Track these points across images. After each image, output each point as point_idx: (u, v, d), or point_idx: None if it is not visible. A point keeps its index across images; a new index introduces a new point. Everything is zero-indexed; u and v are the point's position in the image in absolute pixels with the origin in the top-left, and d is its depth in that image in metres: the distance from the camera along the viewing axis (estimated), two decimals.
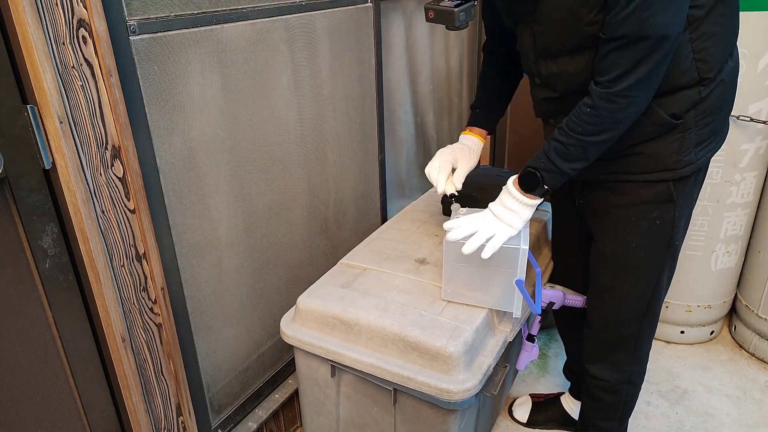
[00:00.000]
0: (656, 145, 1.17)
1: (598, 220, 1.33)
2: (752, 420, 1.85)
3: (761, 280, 2.04)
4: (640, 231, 1.25)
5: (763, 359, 2.10)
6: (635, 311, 1.35)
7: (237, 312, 1.51)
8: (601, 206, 1.30)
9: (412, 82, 2.17)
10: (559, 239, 1.60)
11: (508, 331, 1.36)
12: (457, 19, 1.12)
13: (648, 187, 1.21)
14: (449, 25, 1.15)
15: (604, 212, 1.30)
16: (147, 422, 1.28)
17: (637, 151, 1.18)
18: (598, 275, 1.38)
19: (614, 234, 1.29)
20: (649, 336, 1.42)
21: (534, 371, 2.10)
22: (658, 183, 1.20)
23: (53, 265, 1.06)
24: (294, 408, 1.77)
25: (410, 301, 1.34)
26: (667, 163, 1.17)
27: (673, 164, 1.17)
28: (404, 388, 1.26)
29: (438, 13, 1.15)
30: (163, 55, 1.14)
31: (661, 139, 1.16)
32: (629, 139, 1.16)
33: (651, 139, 1.16)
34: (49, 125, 0.96)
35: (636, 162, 1.20)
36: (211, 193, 1.34)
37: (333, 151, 1.71)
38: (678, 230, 1.26)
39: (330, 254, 1.80)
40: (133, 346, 1.21)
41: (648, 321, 1.38)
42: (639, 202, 1.23)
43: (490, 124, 1.54)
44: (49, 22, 0.92)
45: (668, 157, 1.17)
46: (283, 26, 1.40)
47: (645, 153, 1.18)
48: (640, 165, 1.19)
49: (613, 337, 1.41)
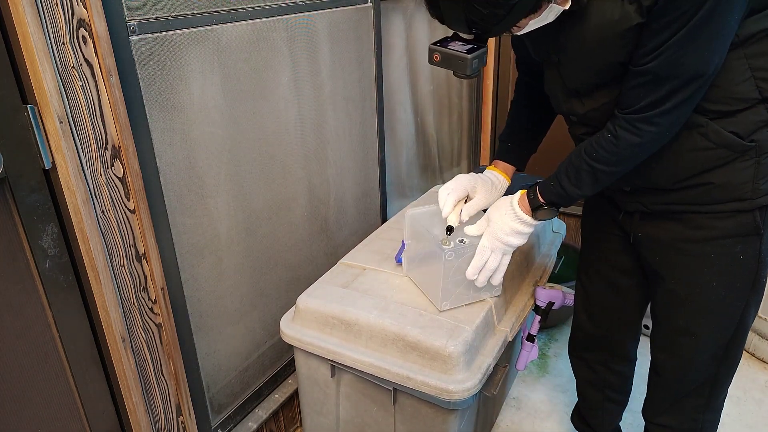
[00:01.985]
0: (726, 173, 1.03)
1: (666, 257, 1.17)
2: (752, 420, 1.85)
3: None
4: (720, 269, 1.11)
5: (763, 359, 2.10)
6: (713, 355, 1.20)
7: (237, 312, 1.51)
8: (670, 241, 1.15)
9: (412, 82, 2.17)
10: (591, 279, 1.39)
11: (508, 330, 1.36)
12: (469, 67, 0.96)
13: (726, 219, 1.07)
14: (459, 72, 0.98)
15: (673, 248, 1.15)
16: (147, 422, 1.28)
17: (705, 180, 1.05)
18: (669, 318, 1.22)
19: (689, 272, 1.14)
20: (726, 382, 1.24)
21: (534, 371, 2.10)
22: (738, 214, 1.06)
23: (53, 265, 1.06)
24: (294, 408, 1.77)
25: (410, 301, 1.34)
26: (742, 192, 1.04)
27: (749, 194, 1.04)
28: (404, 388, 1.26)
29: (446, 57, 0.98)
30: (163, 55, 1.14)
31: (732, 165, 1.03)
32: (690, 167, 1.05)
33: (719, 167, 1.03)
34: (49, 125, 0.97)
35: (707, 193, 1.06)
36: (211, 193, 1.34)
37: (333, 151, 1.71)
38: (764, 264, 1.11)
39: (330, 254, 1.80)
40: (133, 346, 1.21)
41: (727, 366, 1.22)
42: (719, 236, 1.09)
43: (520, 160, 1.36)
44: (49, 22, 0.92)
45: (743, 185, 1.03)
46: (283, 26, 1.40)
47: (715, 183, 1.05)
48: (713, 196, 1.06)
49: (686, 384, 1.24)
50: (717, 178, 1.04)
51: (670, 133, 1.01)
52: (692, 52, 0.90)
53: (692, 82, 0.93)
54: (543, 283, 1.54)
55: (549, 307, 1.48)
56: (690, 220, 1.11)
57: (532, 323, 1.52)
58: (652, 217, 1.17)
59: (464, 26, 0.93)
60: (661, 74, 0.93)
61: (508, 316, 1.41)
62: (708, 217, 1.08)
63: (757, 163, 1.01)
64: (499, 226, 1.19)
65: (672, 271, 1.17)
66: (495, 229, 1.19)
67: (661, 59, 0.92)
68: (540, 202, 1.15)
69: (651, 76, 0.94)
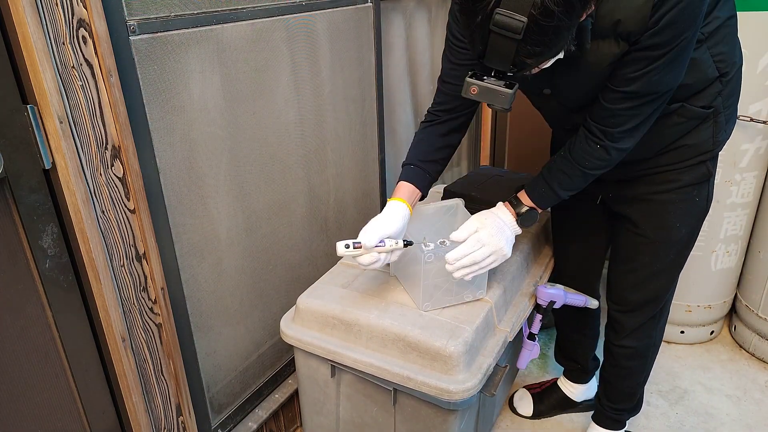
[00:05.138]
0: (695, 136, 1.26)
1: (636, 207, 1.38)
2: (752, 420, 1.85)
3: (761, 280, 2.04)
4: (683, 211, 1.34)
5: (763, 359, 2.10)
6: (672, 285, 1.47)
7: (237, 312, 1.51)
8: (641, 195, 1.36)
9: (412, 82, 2.17)
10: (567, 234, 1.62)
11: (509, 330, 1.36)
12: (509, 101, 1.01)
13: (690, 171, 1.30)
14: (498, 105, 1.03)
15: (644, 199, 1.36)
16: (147, 422, 1.28)
17: (680, 144, 1.27)
18: (635, 259, 1.43)
19: (658, 217, 1.36)
20: (671, 299, 1.53)
21: (534, 371, 2.10)
22: (698, 165, 1.29)
23: (53, 265, 1.06)
24: (294, 408, 1.77)
25: (410, 301, 1.34)
26: (706, 146, 1.27)
27: (711, 146, 1.28)
28: (404, 388, 1.26)
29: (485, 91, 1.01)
30: (163, 55, 1.14)
31: (698, 128, 1.26)
32: (669, 139, 1.27)
33: (689, 132, 1.26)
34: (49, 125, 0.96)
35: (680, 153, 1.28)
36: (211, 193, 1.34)
37: (333, 151, 1.71)
38: (711, 202, 1.38)
39: (330, 254, 1.80)
40: (133, 346, 1.21)
41: (674, 289, 1.49)
42: (683, 185, 1.31)
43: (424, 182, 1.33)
44: (49, 22, 0.92)
45: (706, 141, 1.27)
46: (283, 26, 1.40)
47: (688, 144, 1.27)
48: (684, 154, 1.28)
49: (650, 313, 1.49)
50: (688, 140, 1.27)
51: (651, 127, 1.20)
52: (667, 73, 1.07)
53: (665, 96, 1.12)
54: (544, 283, 1.54)
55: (550, 306, 1.49)
56: (660, 178, 1.32)
57: (534, 322, 1.52)
58: (627, 181, 1.36)
59: (508, 63, 0.94)
60: (641, 92, 1.09)
61: (509, 316, 1.41)
62: (676, 172, 1.30)
63: (715, 122, 1.26)
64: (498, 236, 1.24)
65: (642, 217, 1.38)
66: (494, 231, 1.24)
67: (642, 81, 1.07)
68: (524, 206, 1.28)
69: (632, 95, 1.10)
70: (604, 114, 1.15)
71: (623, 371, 1.59)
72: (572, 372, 1.87)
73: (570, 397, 1.88)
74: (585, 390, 1.87)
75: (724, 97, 1.24)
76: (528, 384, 1.97)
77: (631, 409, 1.68)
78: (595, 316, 1.74)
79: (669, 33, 1.00)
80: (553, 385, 1.92)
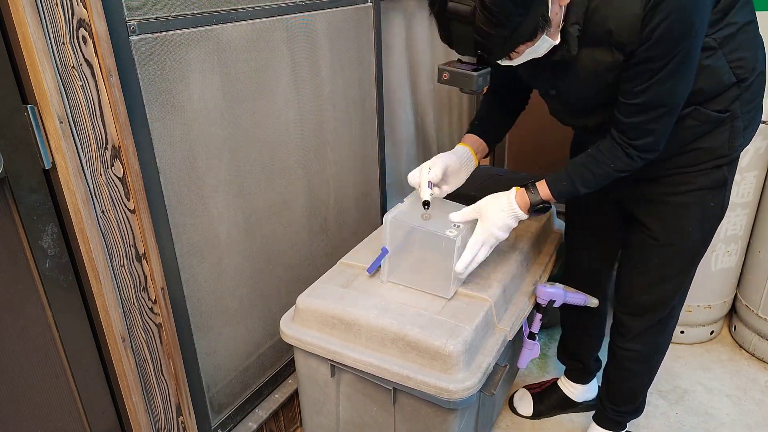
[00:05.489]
0: (711, 139, 1.25)
1: (650, 208, 1.38)
2: (752, 420, 1.85)
3: (761, 280, 2.04)
4: (697, 215, 1.33)
5: (763, 359, 2.10)
6: (681, 290, 1.45)
7: (237, 312, 1.51)
8: (656, 196, 1.35)
9: (412, 82, 2.17)
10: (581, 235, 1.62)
11: (508, 329, 1.36)
12: (475, 83, 1.09)
13: (706, 175, 1.29)
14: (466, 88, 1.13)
15: (659, 201, 1.35)
16: (147, 422, 1.28)
17: (695, 147, 1.26)
18: (645, 262, 1.43)
19: (672, 220, 1.35)
20: (680, 307, 1.51)
21: (534, 371, 2.10)
22: (714, 170, 1.29)
23: (53, 265, 1.06)
24: (294, 408, 1.77)
25: (409, 301, 1.34)
26: (722, 150, 1.26)
27: (727, 150, 1.27)
28: (404, 388, 1.26)
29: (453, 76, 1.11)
30: (163, 55, 1.14)
31: (713, 132, 1.25)
32: (684, 140, 1.26)
33: (705, 135, 1.25)
34: (49, 125, 0.97)
35: (696, 156, 1.28)
36: (211, 193, 1.34)
37: (333, 151, 1.71)
38: (725, 210, 1.36)
39: (330, 254, 1.80)
40: (133, 346, 1.21)
41: (683, 295, 1.48)
42: (696, 189, 1.30)
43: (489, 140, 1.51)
44: (49, 22, 0.92)
45: (722, 145, 1.26)
46: (283, 26, 1.40)
47: (702, 147, 1.26)
48: (700, 158, 1.28)
49: (657, 317, 1.48)
50: (703, 143, 1.26)
51: None
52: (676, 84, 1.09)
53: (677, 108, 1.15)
54: (544, 282, 1.55)
55: (550, 305, 1.49)
56: (676, 180, 1.31)
57: (534, 321, 1.52)
58: (643, 180, 1.35)
59: (471, 48, 1.02)
60: (650, 103, 1.12)
61: (509, 315, 1.41)
62: (693, 175, 1.30)
63: (731, 127, 1.24)
64: (493, 221, 1.28)
65: (656, 220, 1.37)
66: (489, 224, 1.28)
67: (649, 92, 1.10)
68: (540, 198, 1.29)
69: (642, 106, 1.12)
70: (623, 127, 1.18)
71: (627, 373, 1.59)
72: (573, 372, 1.87)
73: (570, 397, 1.88)
74: (585, 390, 1.87)
75: (743, 102, 1.23)
76: (528, 384, 1.97)
77: (633, 411, 1.68)
78: (602, 316, 1.74)
79: (664, 45, 1.03)
80: (553, 385, 1.92)
